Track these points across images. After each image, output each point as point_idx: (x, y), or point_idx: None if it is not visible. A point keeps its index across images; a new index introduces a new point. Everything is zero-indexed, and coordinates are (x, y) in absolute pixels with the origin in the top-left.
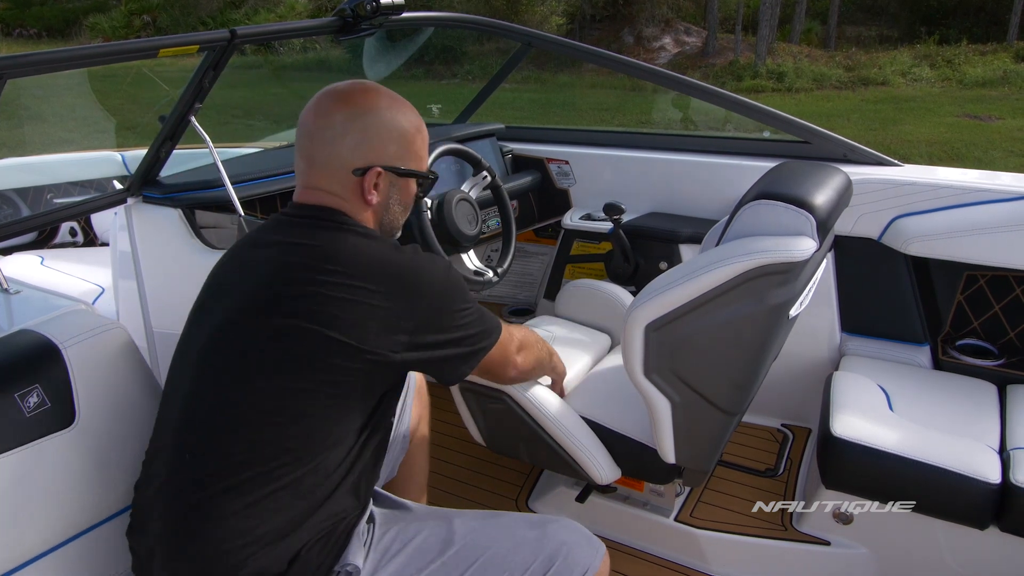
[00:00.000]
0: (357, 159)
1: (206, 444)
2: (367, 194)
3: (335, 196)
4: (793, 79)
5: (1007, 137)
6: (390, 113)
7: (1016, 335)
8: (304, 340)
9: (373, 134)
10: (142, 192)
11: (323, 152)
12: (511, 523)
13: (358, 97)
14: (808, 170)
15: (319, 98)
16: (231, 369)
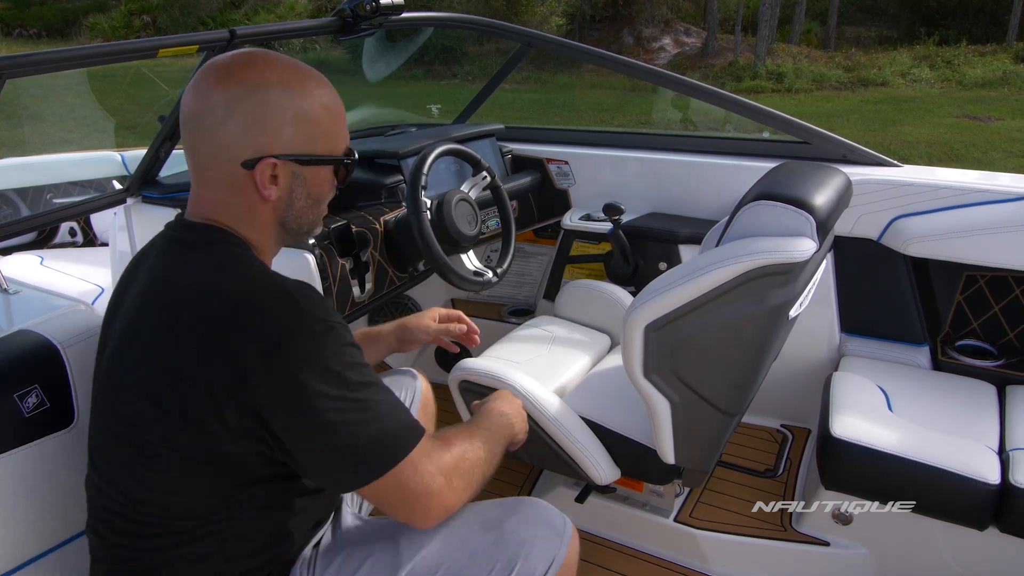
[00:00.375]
0: (244, 149)
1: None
2: (262, 189)
3: (221, 204)
4: (793, 80)
5: (1006, 138)
6: (284, 89)
7: (1015, 336)
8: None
9: (262, 116)
10: (142, 192)
11: (205, 144)
12: (465, 529)
13: (241, 72)
14: (808, 171)
15: (198, 76)
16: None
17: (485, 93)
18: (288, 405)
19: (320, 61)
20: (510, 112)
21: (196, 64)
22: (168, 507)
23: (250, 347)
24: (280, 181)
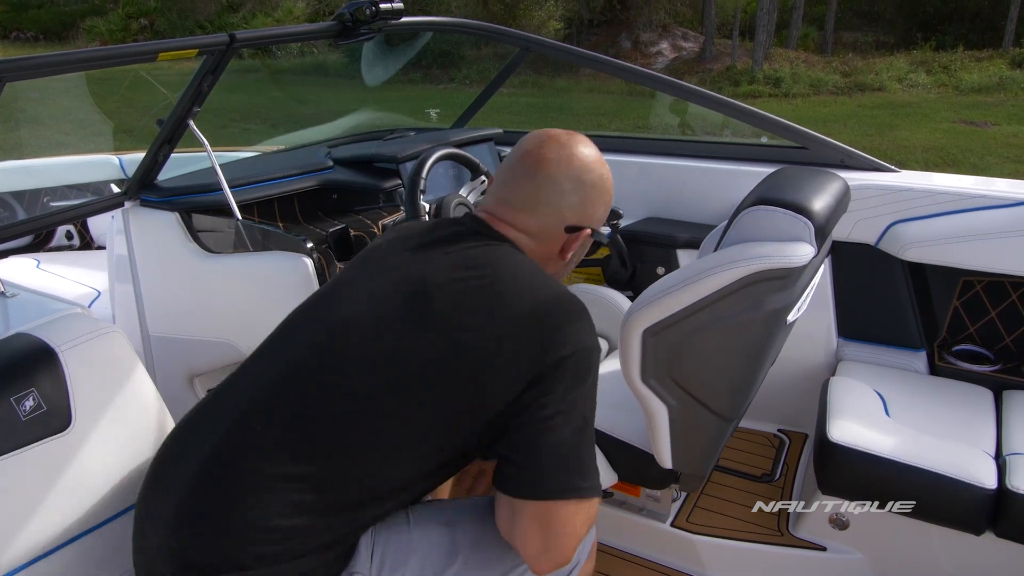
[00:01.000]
0: (573, 218)
1: (289, 424)
2: (567, 251)
3: (528, 240)
4: (790, 84)
5: (1003, 143)
6: (607, 177)
7: (1012, 341)
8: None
9: (594, 197)
10: (139, 196)
11: (544, 201)
12: None
13: (590, 158)
14: (806, 176)
15: (554, 145)
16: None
17: (483, 97)
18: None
19: (318, 65)
20: (508, 116)
21: (195, 68)
22: (368, 477)
23: (561, 348)
24: (575, 247)
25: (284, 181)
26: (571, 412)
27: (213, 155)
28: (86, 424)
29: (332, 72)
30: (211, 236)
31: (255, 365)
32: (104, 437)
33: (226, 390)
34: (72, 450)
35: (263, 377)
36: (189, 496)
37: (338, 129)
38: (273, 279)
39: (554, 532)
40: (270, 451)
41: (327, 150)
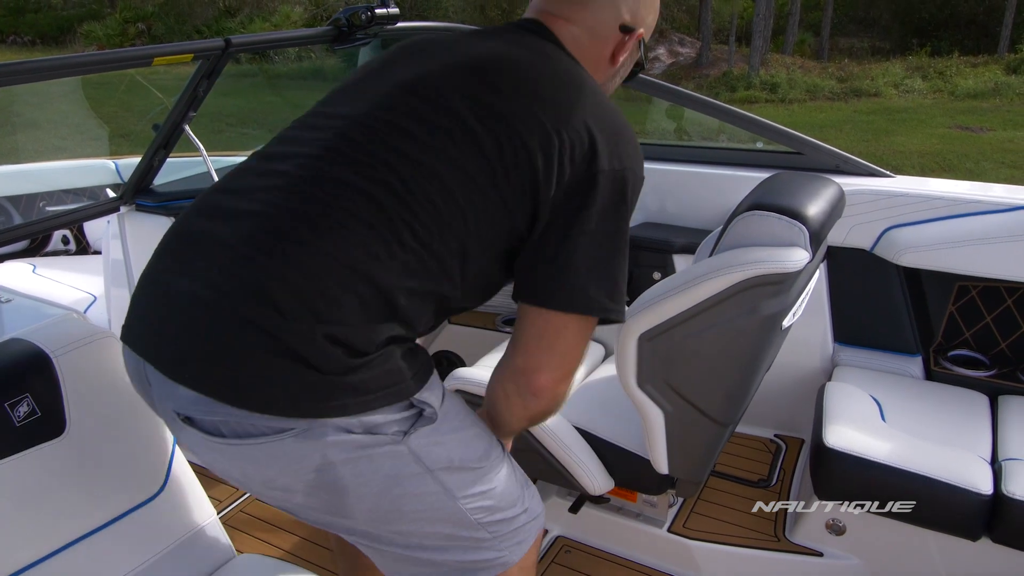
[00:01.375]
0: (628, 15)
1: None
2: (619, 54)
3: (578, 40)
4: (786, 90)
5: (998, 148)
6: None
7: (1008, 346)
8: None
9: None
10: (135, 200)
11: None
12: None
13: None
14: (801, 181)
15: None
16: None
17: None
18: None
19: (315, 70)
20: None
21: (191, 72)
22: (434, 233)
23: (614, 161)
24: (627, 50)
25: None
26: (610, 230)
27: (209, 160)
28: (81, 430)
29: (329, 76)
30: None
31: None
32: (99, 443)
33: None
34: (66, 456)
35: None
36: (269, 222)
37: None
38: None
39: (568, 346)
40: (351, 195)
41: None
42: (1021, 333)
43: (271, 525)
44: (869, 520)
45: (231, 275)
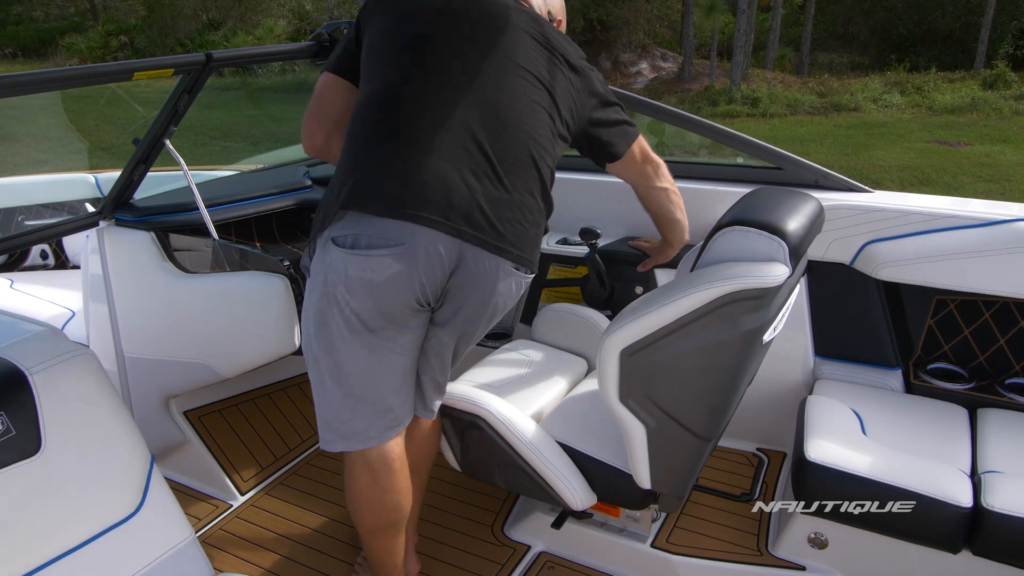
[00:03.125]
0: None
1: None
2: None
3: None
4: (767, 104)
5: (975, 163)
6: None
7: (986, 359)
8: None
9: None
10: (115, 215)
11: None
12: None
13: None
14: (781, 197)
15: None
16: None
17: None
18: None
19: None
20: None
21: (172, 86)
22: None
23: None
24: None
25: (262, 200)
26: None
27: (189, 174)
28: (57, 448)
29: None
30: (187, 256)
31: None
32: (75, 461)
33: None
34: (42, 474)
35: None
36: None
37: None
38: (250, 299)
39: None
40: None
41: (305, 169)
42: (999, 346)
43: (250, 543)
44: (851, 534)
45: None
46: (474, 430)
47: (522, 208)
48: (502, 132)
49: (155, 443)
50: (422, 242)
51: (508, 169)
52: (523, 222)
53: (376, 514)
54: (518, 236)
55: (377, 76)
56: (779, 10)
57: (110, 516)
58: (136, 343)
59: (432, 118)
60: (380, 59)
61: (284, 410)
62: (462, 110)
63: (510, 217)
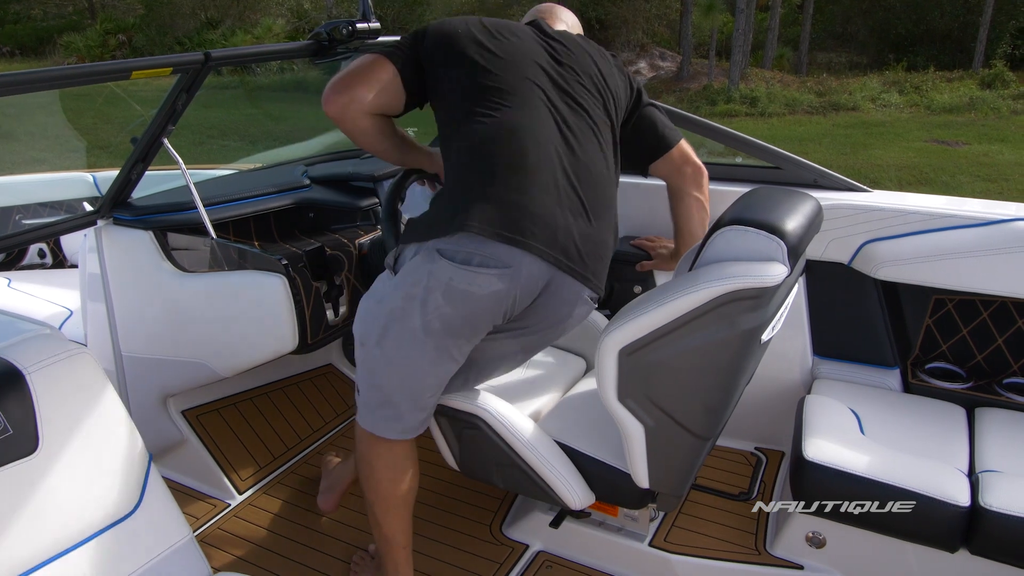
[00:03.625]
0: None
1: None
2: None
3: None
4: (766, 104)
5: (973, 162)
6: None
7: (984, 358)
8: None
9: None
10: (113, 214)
11: None
12: None
13: None
14: (779, 196)
15: None
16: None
17: None
18: None
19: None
20: None
21: (171, 85)
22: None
23: None
24: None
25: (260, 199)
26: None
27: (187, 173)
28: (54, 447)
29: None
30: (185, 255)
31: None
32: (72, 461)
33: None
34: (39, 474)
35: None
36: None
37: (316, 147)
38: (248, 298)
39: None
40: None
41: (304, 168)
42: (997, 346)
43: (247, 542)
44: (849, 533)
45: None
46: (472, 430)
47: (604, 244)
48: (590, 177)
49: (153, 442)
50: (525, 267)
51: (597, 211)
52: (603, 256)
53: (393, 491)
54: (597, 268)
55: (485, 113)
56: (777, 9)
57: (107, 515)
58: (134, 342)
59: (539, 158)
60: (482, 97)
61: (282, 409)
62: (563, 155)
63: (594, 252)
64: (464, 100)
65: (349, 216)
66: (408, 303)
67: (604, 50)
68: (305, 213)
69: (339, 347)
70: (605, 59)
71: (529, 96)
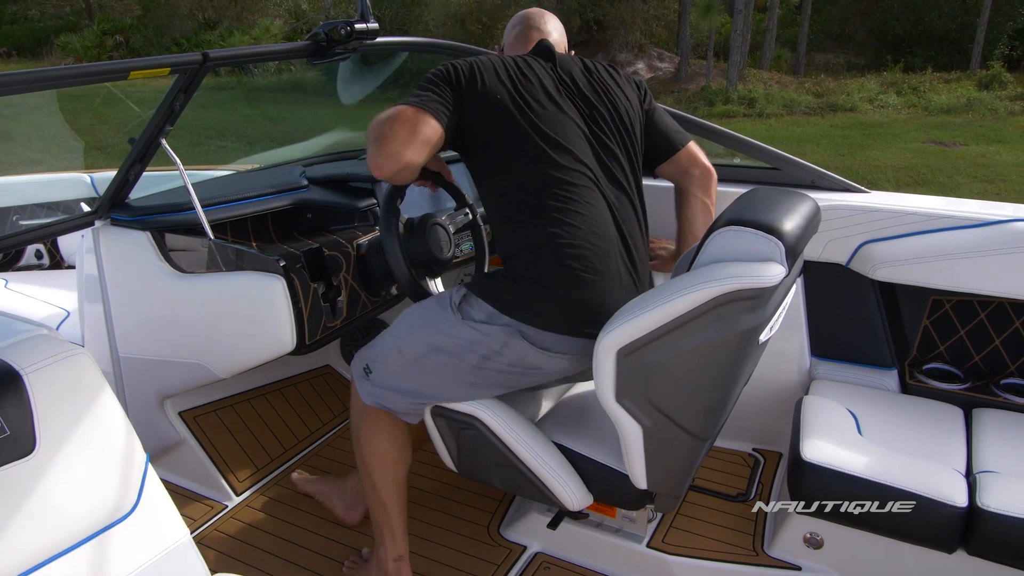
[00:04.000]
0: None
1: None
2: None
3: None
4: (764, 105)
5: (971, 163)
6: None
7: (981, 359)
8: None
9: None
10: (110, 215)
11: None
12: None
13: None
14: (777, 197)
15: None
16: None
17: None
18: None
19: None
20: None
21: (168, 86)
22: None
23: None
24: None
25: (258, 200)
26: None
27: (185, 174)
28: (51, 448)
29: (309, 90)
30: (183, 256)
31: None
32: (69, 462)
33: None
34: (36, 475)
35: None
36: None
37: (313, 148)
38: (245, 299)
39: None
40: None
41: (302, 169)
42: (994, 347)
43: (245, 544)
44: (847, 534)
45: None
46: (470, 431)
47: None
48: (636, 250)
49: (150, 443)
50: (588, 351)
51: (644, 280)
52: None
53: (391, 469)
54: None
55: (553, 206)
56: (775, 10)
57: (105, 516)
58: (131, 343)
59: (607, 252)
60: (545, 189)
61: (280, 410)
62: (618, 240)
63: None
64: (525, 191)
65: (347, 217)
66: (469, 350)
67: (611, 67)
68: (303, 214)
69: (337, 348)
70: (618, 81)
71: (585, 183)
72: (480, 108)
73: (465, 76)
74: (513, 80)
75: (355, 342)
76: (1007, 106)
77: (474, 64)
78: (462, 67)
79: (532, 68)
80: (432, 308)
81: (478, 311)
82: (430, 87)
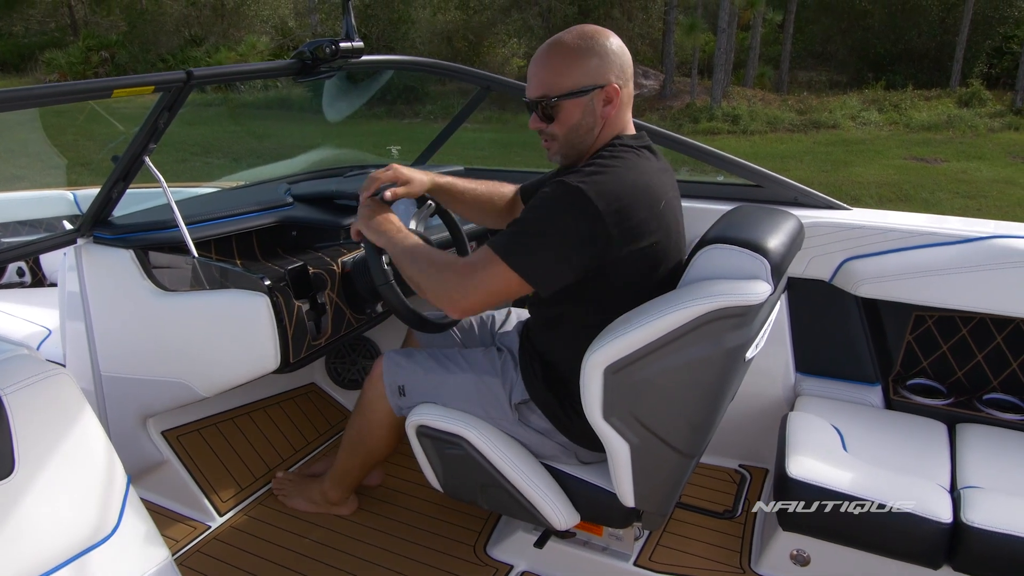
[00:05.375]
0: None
1: None
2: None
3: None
4: (748, 122)
5: (952, 179)
6: None
7: (964, 375)
8: None
9: None
10: (93, 233)
11: None
12: None
13: None
14: (761, 215)
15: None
16: None
17: (446, 134)
18: None
19: (281, 99)
20: (472, 151)
21: (153, 103)
22: None
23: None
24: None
25: (242, 218)
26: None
27: (169, 191)
28: (30, 470)
29: (295, 106)
30: (167, 274)
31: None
32: (49, 483)
33: None
34: (15, 497)
35: None
36: None
37: (299, 165)
38: (229, 317)
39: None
40: None
41: (287, 186)
42: (976, 362)
43: (228, 565)
44: (833, 550)
45: None
46: (455, 450)
47: None
48: None
49: (132, 463)
50: None
51: None
52: None
53: (380, 452)
54: None
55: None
56: (759, 29)
57: (85, 538)
58: (113, 362)
59: None
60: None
61: (263, 429)
62: None
63: None
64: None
65: (332, 234)
66: (515, 433)
67: None
68: (288, 231)
69: (322, 366)
70: None
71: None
72: (636, 259)
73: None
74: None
75: (340, 360)
76: (987, 123)
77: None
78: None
79: (663, 179)
80: (484, 394)
81: (537, 421)
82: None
